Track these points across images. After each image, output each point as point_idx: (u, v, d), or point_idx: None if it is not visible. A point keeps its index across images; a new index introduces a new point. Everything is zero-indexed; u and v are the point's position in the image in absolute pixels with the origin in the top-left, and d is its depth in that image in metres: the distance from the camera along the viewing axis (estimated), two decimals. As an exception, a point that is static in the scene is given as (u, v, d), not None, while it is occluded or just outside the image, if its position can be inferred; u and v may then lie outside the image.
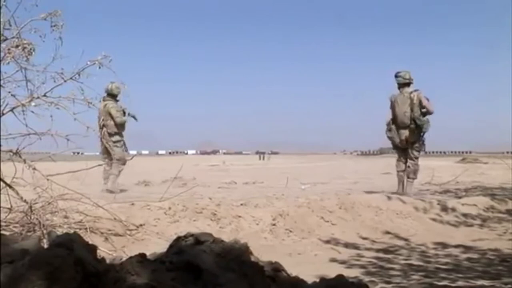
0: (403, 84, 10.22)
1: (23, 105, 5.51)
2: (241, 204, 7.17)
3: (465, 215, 8.20)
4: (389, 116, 10.40)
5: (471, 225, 7.87)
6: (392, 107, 10.30)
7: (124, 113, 11.10)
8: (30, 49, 5.59)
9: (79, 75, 5.75)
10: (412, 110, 9.97)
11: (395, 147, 10.55)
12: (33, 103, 5.58)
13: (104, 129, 10.60)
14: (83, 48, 6.04)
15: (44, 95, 5.64)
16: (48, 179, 5.61)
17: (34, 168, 5.56)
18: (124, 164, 11.00)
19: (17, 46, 5.53)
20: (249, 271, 2.05)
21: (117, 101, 11.11)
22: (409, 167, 10.26)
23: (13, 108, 5.50)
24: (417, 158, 10.35)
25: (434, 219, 7.94)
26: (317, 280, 2.28)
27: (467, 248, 6.19)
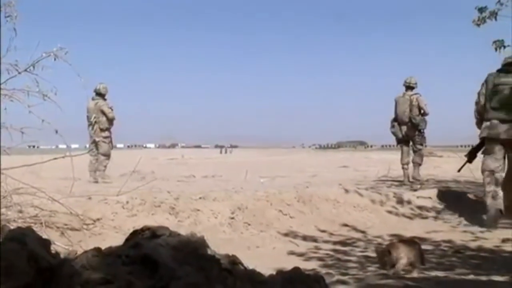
0: (408, 88, 11.88)
1: (-25, 97, 5.37)
2: (200, 198, 7.14)
3: (420, 207, 8.37)
4: (392, 114, 12.02)
5: (426, 217, 8.04)
6: (395, 106, 11.88)
7: (111, 109, 12.32)
8: (-17, 40, 5.44)
9: (33, 67, 5.63)
10: (410, 110, 11.57)
11: (399, 141, 12.09)
12: (-14, 96, 5.44)
13: (96, 125, 12.02)
14: (39, 39, 5.94)
15: (-2, 87, 5.51)
16: (2, 173, 5.48)
17: (-13, 162, 5.43)
18: (108, 158, 12.27)
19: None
20: (205, 264, 2.05)
21: (105, 99, 12.41)
22: (413, 156, 11.88)
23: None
24: (420, 149, 11.93)
25: (390, 212, 8.08)
26: (274, 272, 2.30)
27: (421, 240, 6.29)
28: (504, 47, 8.07)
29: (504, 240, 6.14)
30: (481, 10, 8.42)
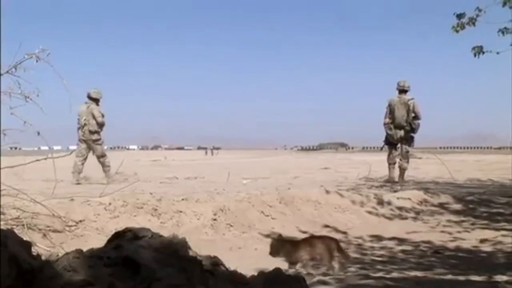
0: (402, 91, 12.36)
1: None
2: (182, 199, 7.14)
3: (400, 208, 8.43)
4: (387, 116, 12.43)
5: (406, 218, 8.10)
6: (392, 110, 12.30)
7: (102, 115, 12.58)
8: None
9: (15, 68, 5.62)
10: (408, 115, 12.09)
11: (389, 143, 12.59)
12: (-33, 97, 5.42)
13: (86, 127, 12.28)
14: (20, 39, 5.94)
15: (-21, 89, 5.48)
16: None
17: (-31, 164, 5.39)
18: (106, 157, 12.59)
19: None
20: (187, 265, 2.07)
21: (98, 104, 12.67)
22: (401, 160, 12.40)
23: None
24: (408, 152, 12.47)
25: (370, 213, 8.13)
26: (256, 273, 2.33)
27: (401, 241, 6.38)
28: (483, 52, 8.20)
29: (482, 241, 6.24)
30: (459, 16, 8.51)
